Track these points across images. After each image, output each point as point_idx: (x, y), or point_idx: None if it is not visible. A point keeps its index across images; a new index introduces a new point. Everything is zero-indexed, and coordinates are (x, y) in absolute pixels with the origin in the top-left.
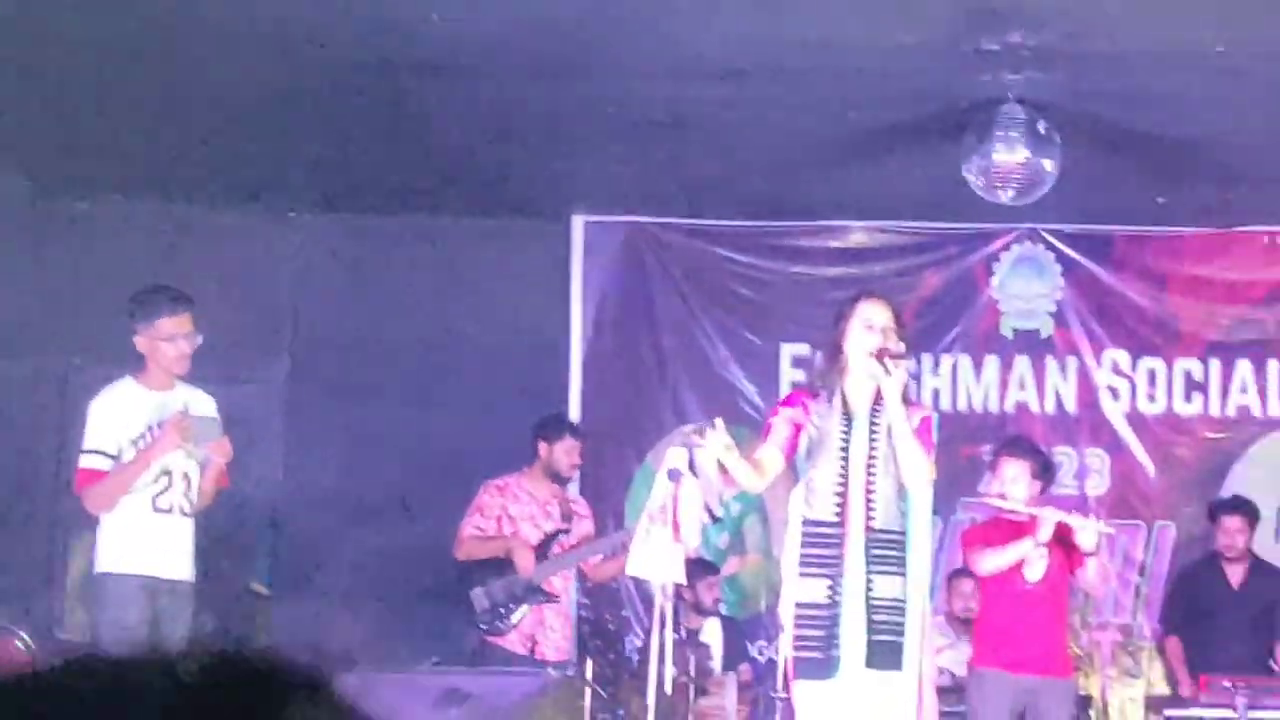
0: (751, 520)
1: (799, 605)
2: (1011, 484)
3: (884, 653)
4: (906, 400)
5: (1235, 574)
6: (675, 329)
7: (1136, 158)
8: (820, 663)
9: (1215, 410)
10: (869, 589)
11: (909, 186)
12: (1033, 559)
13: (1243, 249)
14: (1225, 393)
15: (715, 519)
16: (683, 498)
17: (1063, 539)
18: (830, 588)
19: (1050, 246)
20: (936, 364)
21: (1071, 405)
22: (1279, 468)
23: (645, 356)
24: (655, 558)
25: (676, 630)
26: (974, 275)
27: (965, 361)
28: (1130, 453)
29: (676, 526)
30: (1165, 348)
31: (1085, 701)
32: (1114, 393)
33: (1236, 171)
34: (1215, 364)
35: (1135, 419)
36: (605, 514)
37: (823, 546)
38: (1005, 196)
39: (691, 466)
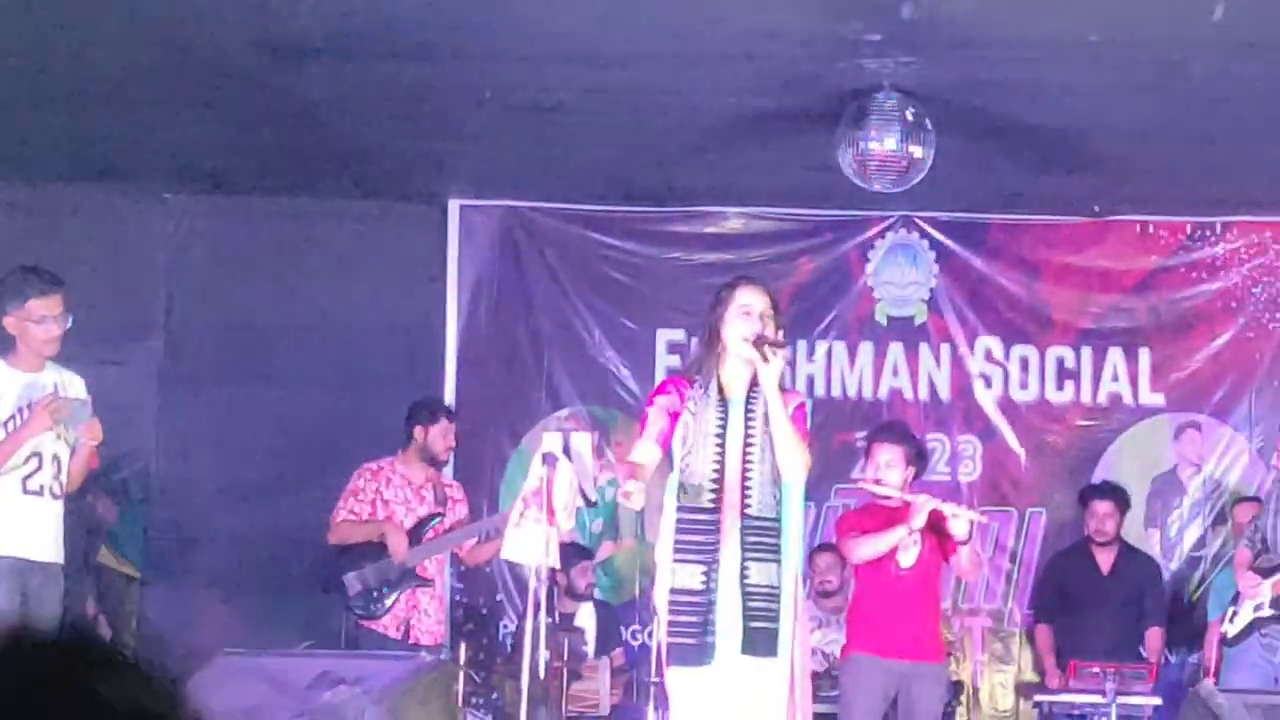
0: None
1: (674, 592)
2: (886, 470)
3: (759, 639)
4: (782, 387)
5: (1105, 560)
6: (551, 314)
7: (1010, 146)
8: (695, 649)
9: (1087, 398)
10: (744, 576)
11: (785, 173)
12: (906, 546)
13: (1115, 238)
14: (1097, 380)
15: (590, 503)
16: (557, 482)
17: (936, 526)
18: (705, 574)
19: (925, 234)
20: (811, 350)
21: (945, 392)
22: (1150, 455)
23: (520, 341)
24: (529, 542)
25: (550, 615)
26: (849, 262)
27: (840, 348)
28: (1002, 440)
29: (551, 511)
30: (1038, 335)
31: (957, 687)
32: (987, 380)
33: (1109, 160)
34: (1087, 352)
35: (1007, 406)
36: (480, 498)
37: (698, 533)
38: (879, 184)
39: (566, 451)
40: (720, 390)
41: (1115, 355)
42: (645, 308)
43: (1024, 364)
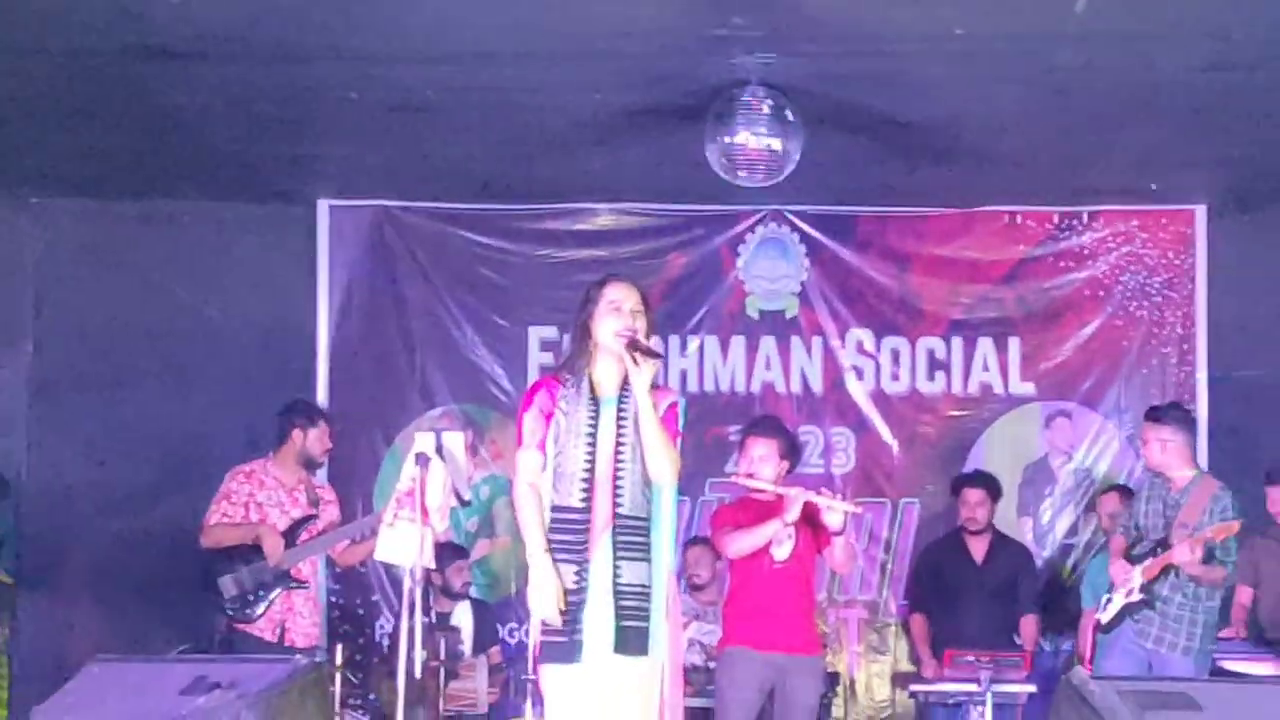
0: (501, 503)
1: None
2: (759, 463)
3: (631, 639)
4: (655, 385)
5: (978, 549)
6: (422, 313)
7: (878, 139)
8: (565, 647)
9: (958, 388)
10: (616, 576)
11: (654, 169)
12: (781, 539)
13: (983, 228)
14: (967, 371)
15: (464, 502)
16: (430, 482)
17: (810, 519)
18: (577, 574)
19: (795, 228)
20: (684, 345)
21: (817, 385)
22: (1021, 444)
23: (392, 340)
24: (404, 542)
25: (426, 614)
26: (720, 257)
27: (712, 342)
28: (875, 431)
29: (425, 511)
30: (908, 327)
31: (833, 679)
32: (859, 372)
33: (976, 152)
34: (957, 342)
35: (879, 398)
36: (354, 498)
37: (570, 533)
38: (748, 179)
39: (439, 450)
40: (592, 389)
41: (985, 345)
42: (517, 305)
43: (895, 356)
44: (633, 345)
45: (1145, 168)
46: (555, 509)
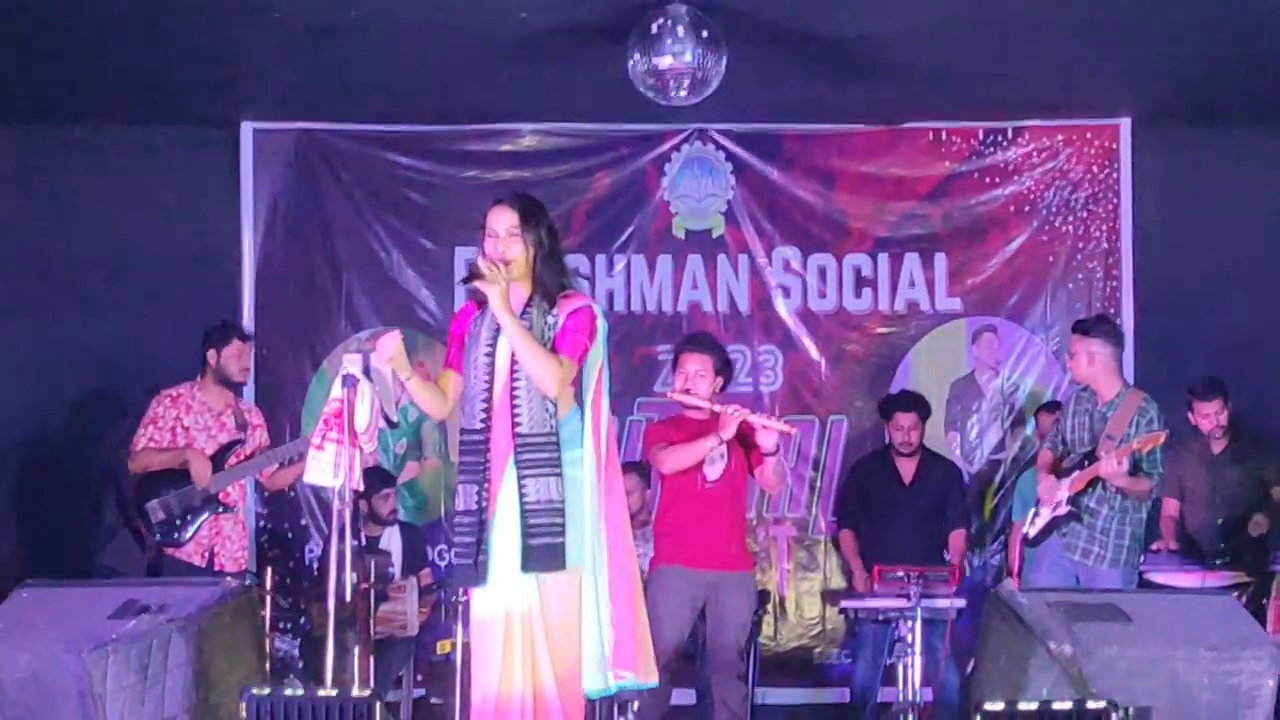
0: (429, 425)
1: (456, 513)
2: (695, 379)
3: (540, 555)
4: (564, 293)
5: (907, 469)
6: (348, 235)
7: (802, 56)
8: (470, 571)
9: (885, 305)
10: (522, 494)
11: (578, 89)
12: (713, 458)
13: (908, 145)
14: (894, 288)
15: (392, 424)
16: (358, 404)
17: (743, 438)
18: (478, 494)
19: (720, 146)
20: (611, 265)
21: (744, 304)
22: (948, 360)
23: (318, 263)
24: (332, 465)
25: (355, 538)
26: (645, 176)
27: (639, 262)
28: (803, 349)
29: (353, 433)
30: (835, 244)
31: (764, 596)
32: (786, 290)
33: (901, 68)
34: (884, 259)
35: (807, 315)
36: (281, 421)
37: (472, 454)
38: (673, 98)
39: (366, 372)
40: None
41: (912, 262)
42: (442, 227)
43: (822, 273)
44: (471, 273)
45: (1069, 82)
46: (461, 431)
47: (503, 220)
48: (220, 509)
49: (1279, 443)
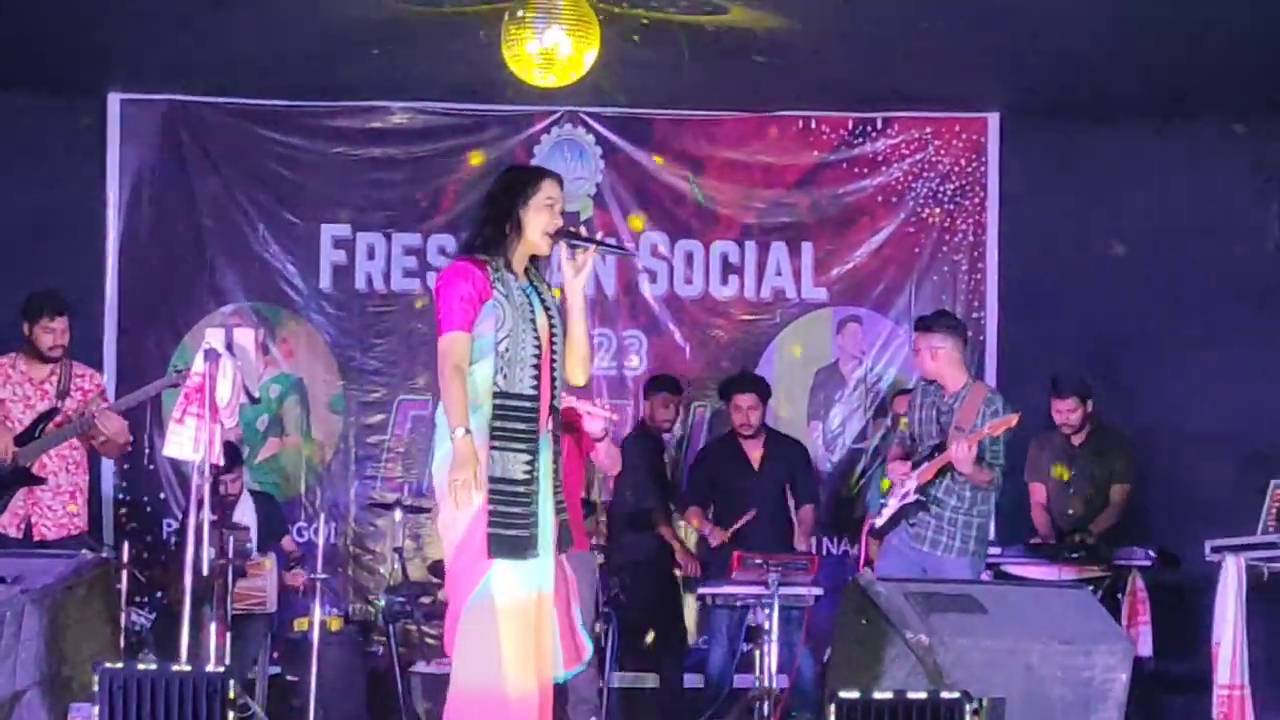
0: (291, 401)
1: (496, 480)
2: None
3: (565, 533)
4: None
5: (754, 453)
6: (214, 209)
7: (674, 42)
8: (523, 541)
9: (751, 292)
10: (555, 467)
11: (450, 68)
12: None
13: (778, 133)
14: (760, 275)
15: (253, 400)
16: (220, 378)
17: (570, 425)
18: (529, 463)
19: (590, 129)
20: None
21: (610, 287)
22: (812, 348)
23: (184, 237)
24: (193, 439)
25: (214, 512)
26: (515, 157)
27: None
28: (668, 334)
29: (214, 407)
30: (702, 231)
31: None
32: (652, 275)
33: (772, 57)
34: (751, 247)
35: (673, 301)
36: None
37: (521, 420)
38: (544, 80)
39: (229, 347)
40: (521, 277)
41: (779, 250)
42: (309, 202)
43: (689, 259)
44: (574, 237)
45: (939, 75)
46: (503, 395)
47: (559, 194)
48: (31, 482)
49: (1136, 438)
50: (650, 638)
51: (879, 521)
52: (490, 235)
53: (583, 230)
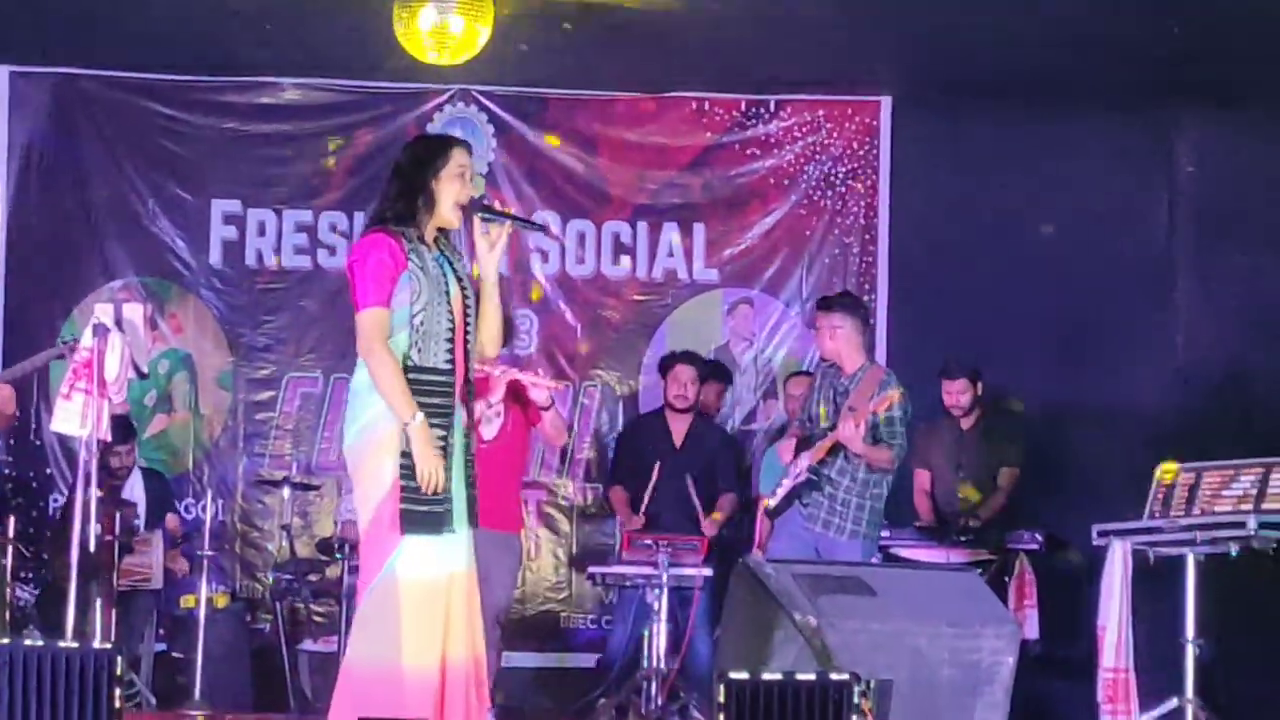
0: (180, 377)
1: (408, 456)
2: None
3: (474, 508)
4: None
5: (678, 431)
6: (104, 183)
7: (569, 21)
8: (437, 517)
9: (643, 273)
10: (467, 442)
11: (341, 44)
12: (489, 418)
13: (671, 114)
14: (652, 256)
15: (142, 375)
16: (108, 353)
17: (518, 396)
18: (443, 439)
19: (483, 108)
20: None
21: (502, 266)
22: (703, 330)
23: (73, 211)
24: (80, 414)
25: (101, 487)
26: (407, 134)
27: None
28: (559, 314)
29: (102, 383)
30: (594, 211)
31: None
32: (544, 255)
33: (666, 38)
34: (643, 227)
35: (564, 281)
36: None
37: (437, 395)
38: (436, 58)
39: (118, 322)
40: (434, 248)
41: (671, 231)
42: (200, 178)
43: (580, 239)
44: (487, 210)
45: (831, 58)
46: (418, 369)
47: (470, 162)
48: None
49: (1024, 423)
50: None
51: (773, 502)
52: (402, 208)
53: (496, 204)
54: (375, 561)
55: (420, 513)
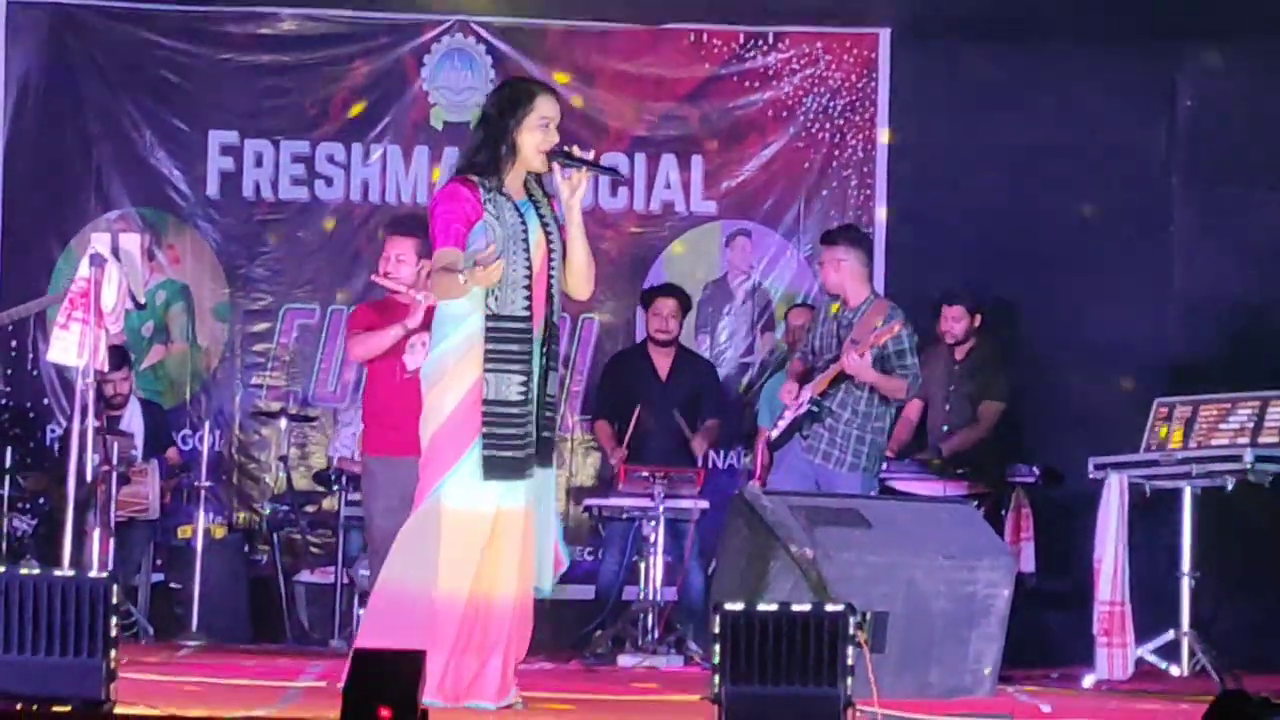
0: (177, 308)
1: (491, 403)
2: (395, 263)
3: (549, 449)
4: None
5: (663, 364)
6: (100, 114)
7: None
8: (518, 463)
9: (640, 205)
10: (546, 385)
11: None
12: (414, 347)
13: (669, 46)
14: (650, 188)
15: (139, 306)
16: (105, 283)
17: None
18: (524, 385)
19: (481, 39)
20: (367, 154)
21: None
22: (701, 262)
23: (69, 142)
24: (77, 344)
25: (98, 418)
26: (404, 66)
27: (395, 152)
28: None
29: (99, 312)
30: (592, 142)
31: None
32: None
33: None
34: (641, 159)
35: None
36: (28, 300)
37: (515, 342)
38: None
39: (115, 252)
40: (512, 196)
41: (668, 163)
42: (197, 109)
43: None
44: (569, 158)
45: None
46: (495, 318)
47: (557, 112)
48: None
49: (1022, 355)
50: None
51: (774, 434)
52: (484, 159)
53: (576, 151)
54: (425, 486)
55: (503, 458)
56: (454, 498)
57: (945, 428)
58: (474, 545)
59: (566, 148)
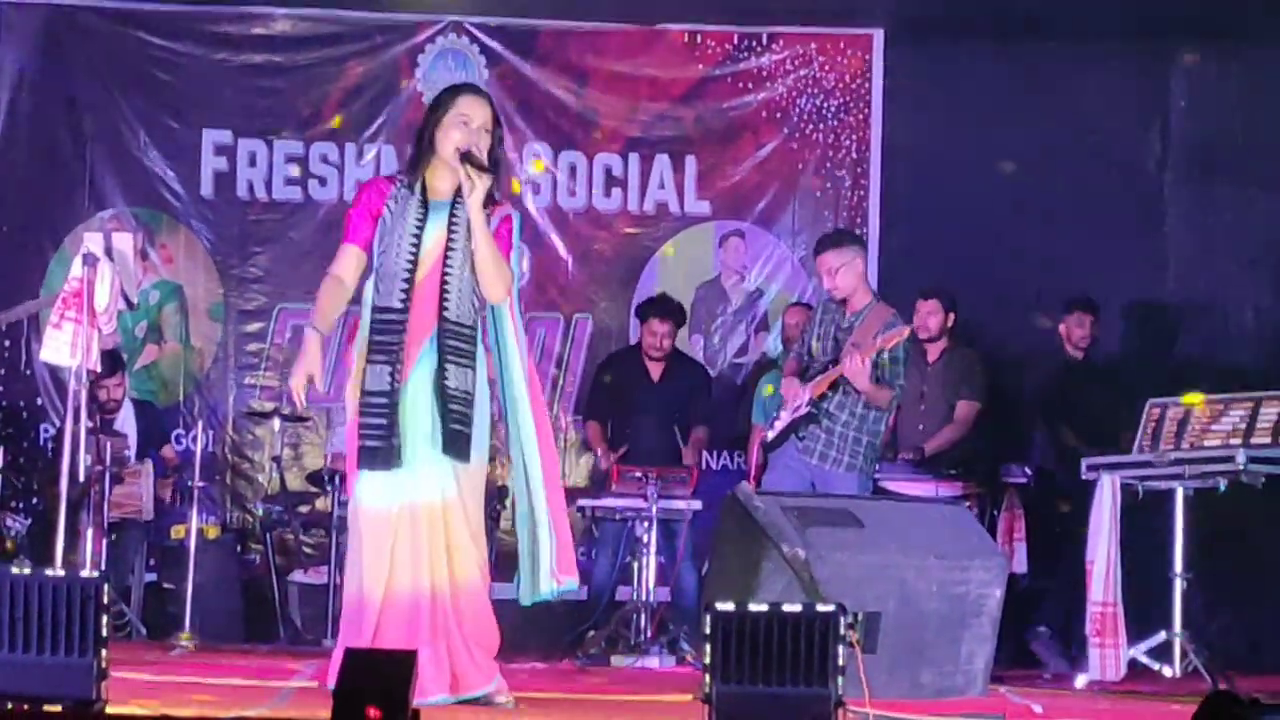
0: (170, 308)
1: (365, 393)
2: None
3: (455, 441)
4: (492, 199)
5: (655, 366)
6: (94, 113)
7: None
8: (383, 452)
9: (634, 205)
10: (443, 378)
11: None
12: None
13: (663, 46)
14: (644, 188)
15: (131, 306)
16: (98, 283)
17: None
18: (391, 375)
19: (474, 39)
20: (360, 154)
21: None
22: (695, 263)
23: (63, 141)
24: (70, 344)
25: (91, 418)
26: (398, 66)
27: (389, 152)
28: (551, 246)
29: (92, 312)
30: (586, 143)
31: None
32: (535, 187)
33: None
34: (634, 159)
35: (555, 213)
36: (20, 300)
37: (388, 333)
38: None
39: (108, 251)
40: (425, 192)
41: (662, 163)
42: (191, 108)
43: (572, 171)
44: (466, 158)
45: None
46: (376, 309)
47: (479, 112)
48: None
49: (1017, 357)
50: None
51: (771, 435)
52: (412, 153)
53: (474, 152)
54: (349, 486)
55: (369, 448)
56: (364, 496)
57: (921, 427)
58: (384, 541)
59: (468, 148)
